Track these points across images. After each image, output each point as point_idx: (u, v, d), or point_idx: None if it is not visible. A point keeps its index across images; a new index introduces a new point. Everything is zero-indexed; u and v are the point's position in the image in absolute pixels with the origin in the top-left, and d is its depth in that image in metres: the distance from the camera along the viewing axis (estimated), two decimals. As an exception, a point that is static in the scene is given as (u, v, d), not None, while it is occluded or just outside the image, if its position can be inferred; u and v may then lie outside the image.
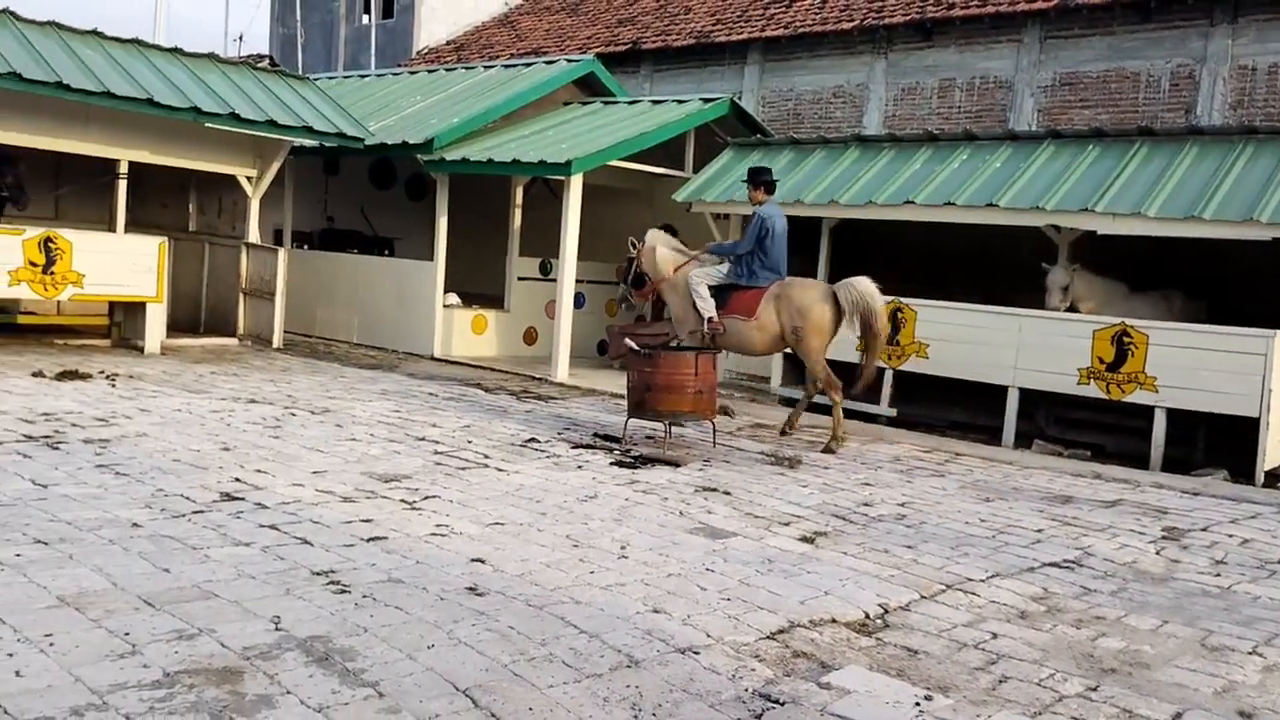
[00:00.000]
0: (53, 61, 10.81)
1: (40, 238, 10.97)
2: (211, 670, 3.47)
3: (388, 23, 24.76)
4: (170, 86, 11.68)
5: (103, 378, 9.57)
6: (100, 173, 12.63)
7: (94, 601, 3.98)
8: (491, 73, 15.82)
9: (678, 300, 9.69)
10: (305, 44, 25.27)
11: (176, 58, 12.52)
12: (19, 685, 3.22)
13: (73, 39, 11.59)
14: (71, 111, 11.32)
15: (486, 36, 23.94)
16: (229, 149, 12.89)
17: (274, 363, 11.90)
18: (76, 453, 6.48)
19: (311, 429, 8.02)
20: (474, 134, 13.79)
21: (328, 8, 25.65)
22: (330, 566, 4.68)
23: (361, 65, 23.90)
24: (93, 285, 11.36)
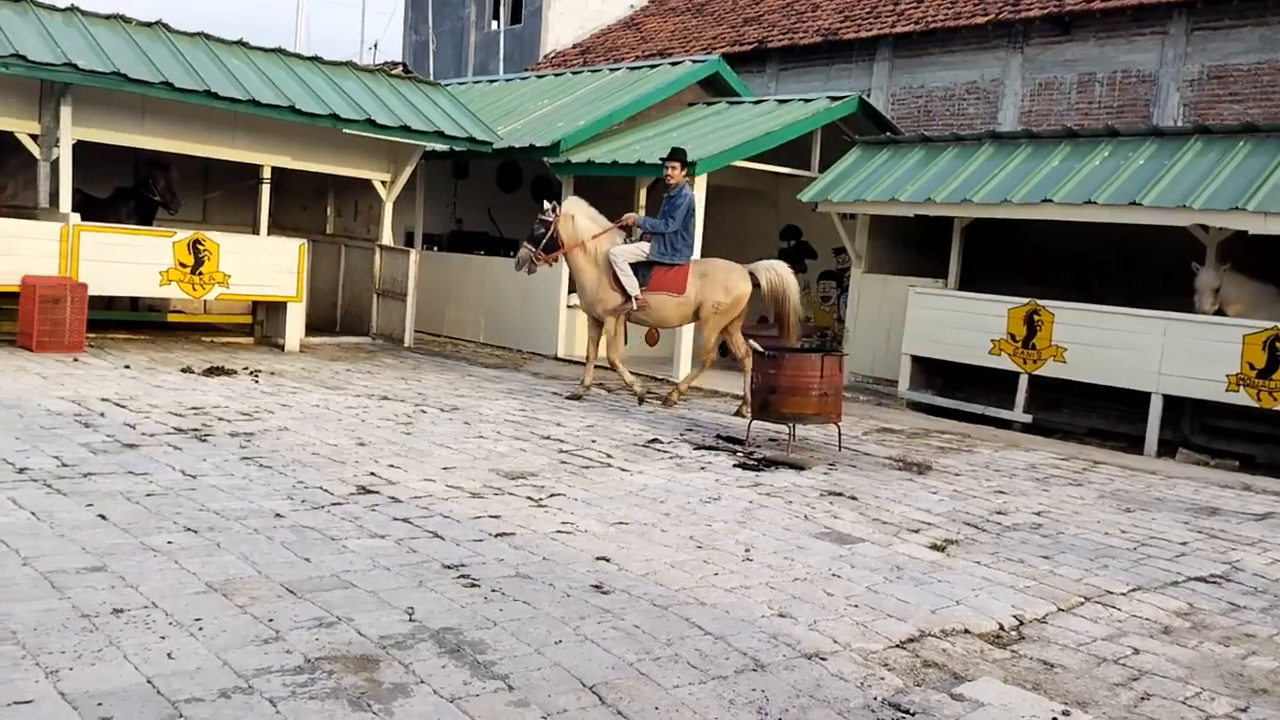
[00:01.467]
0: (202, 71, 11.32)
1: (189, 240, 11.51)
2: (350, 658, 3.57)
3: (515, 28, 25.19)
4: (311, 94, 12.11)
5: (246, 374, 9.98)
6: (245, 177, 13.19)
7: (240, 588, 4.15)
8: (617, 75, 15.94)
9: (592, 272, 10.00)
10: (436, 50, 25.90)
11: (317, 66, 12.98)
12: (171, 667, 3.37)
13: (220, 49, 12.12)
14: (219, 119, 11.84)
15: (612, 39, 24.14)
16: (365, 154, 13.30)
17: (405, 361, 12.22)
18: (223, 445, 6.77)
19: (441, 426, 8.20)
20: (599, 136, 13.92)
21: (458, 15, 26.25)
22: (460, 560, 4.77)
23: (490, 70, 24.38)
24: (237, 285, 11.86)
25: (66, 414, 7.30)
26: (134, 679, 3.25)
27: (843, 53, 19.37)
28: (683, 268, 9.95)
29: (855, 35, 18.88)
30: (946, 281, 11.98)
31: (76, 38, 10.84)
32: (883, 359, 12.52)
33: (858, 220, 12.88)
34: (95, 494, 5.33)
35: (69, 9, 11.37)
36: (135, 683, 3.23)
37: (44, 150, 10.98)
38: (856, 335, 12.83)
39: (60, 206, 10.88)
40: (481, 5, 25.91)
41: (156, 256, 11.28)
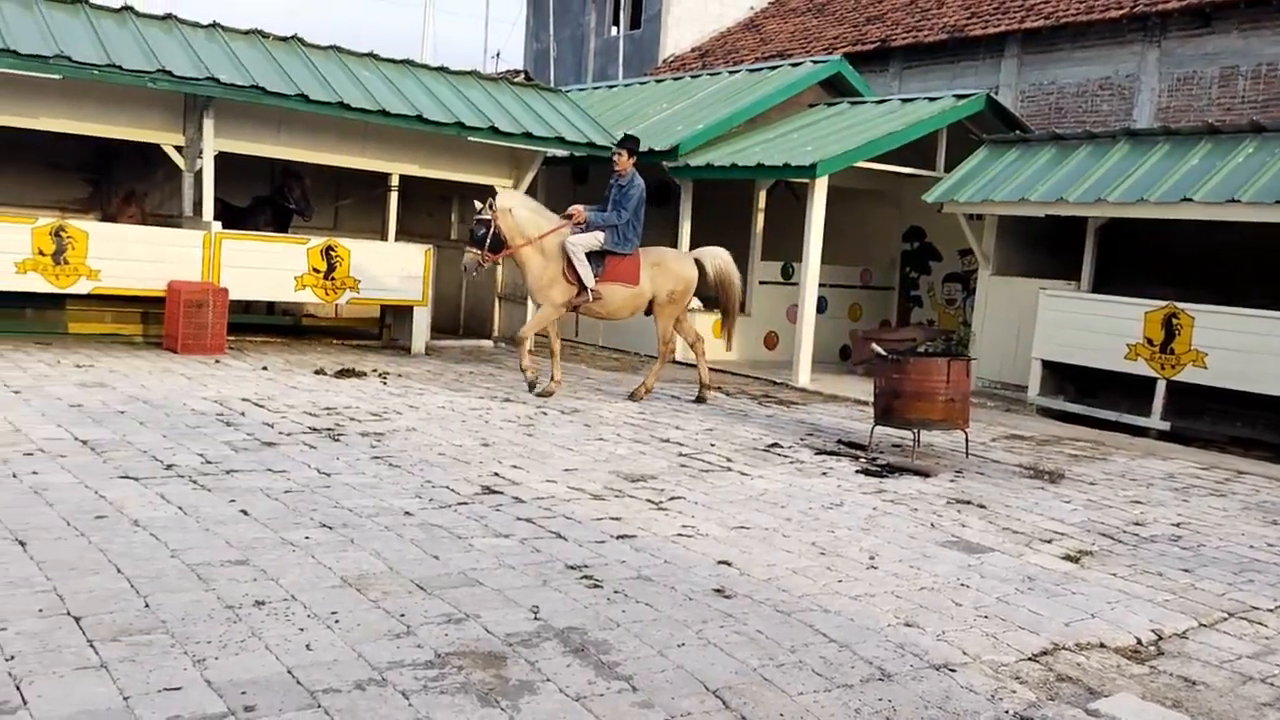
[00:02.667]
0: (335, 83, 11.72)
1: (322, 246, 11.91)
2: (478, 654, 3.64)
3: (635, 33, 25.36)
4: (437, 103, 12.42)
5: (375, 376, 10.27)
6: (374, 185, 13.58)
7: (373, 584, 4.27)
8: (736, 78, 15.89)
9: (544, 266, 9.74)
10: (557, 57, 26.26)
11: (443, 76, 13.30)
12: (310, 658, 3.49)
13: (352, 61, 12.53)
14: (351, 129, 12.23)
15: (731, 41, 24.09)
16: (488, 160, 13.57)
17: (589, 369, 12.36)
18: (354, 445, 6.98)
19: (562, 428, 8.30)
20: (718, 139, 13.90)
21: (578, 22, 26.57)
22: (583, 561, 4.82)
23: (609, 76, 24.60)
24: (367, 290, 12.23)
25: (209, 413, 7.63)
26: (275, 669, 3.38)
27: (969, 50, 18.93)
28: (634, 258, 9.88)
29: (982, 32, 18.43)
30: (1078, 283, 11.59)
31: (218, 53, 11.34)
32: (1011, 363, 12.17)
33: (985, 221, 12.56)
34: (237, 490, 5.56)
35: (211, 25, 11.90)
36: (276, 672, 3.36)
37: (188, 161, 11.51)
38: (983, 339, 12.51)
39: (203, 215, 11.39)
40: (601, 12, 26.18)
41: (292, 262, 11.71)
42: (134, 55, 10.56)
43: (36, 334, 10.93)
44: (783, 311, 14.47)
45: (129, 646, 3.44)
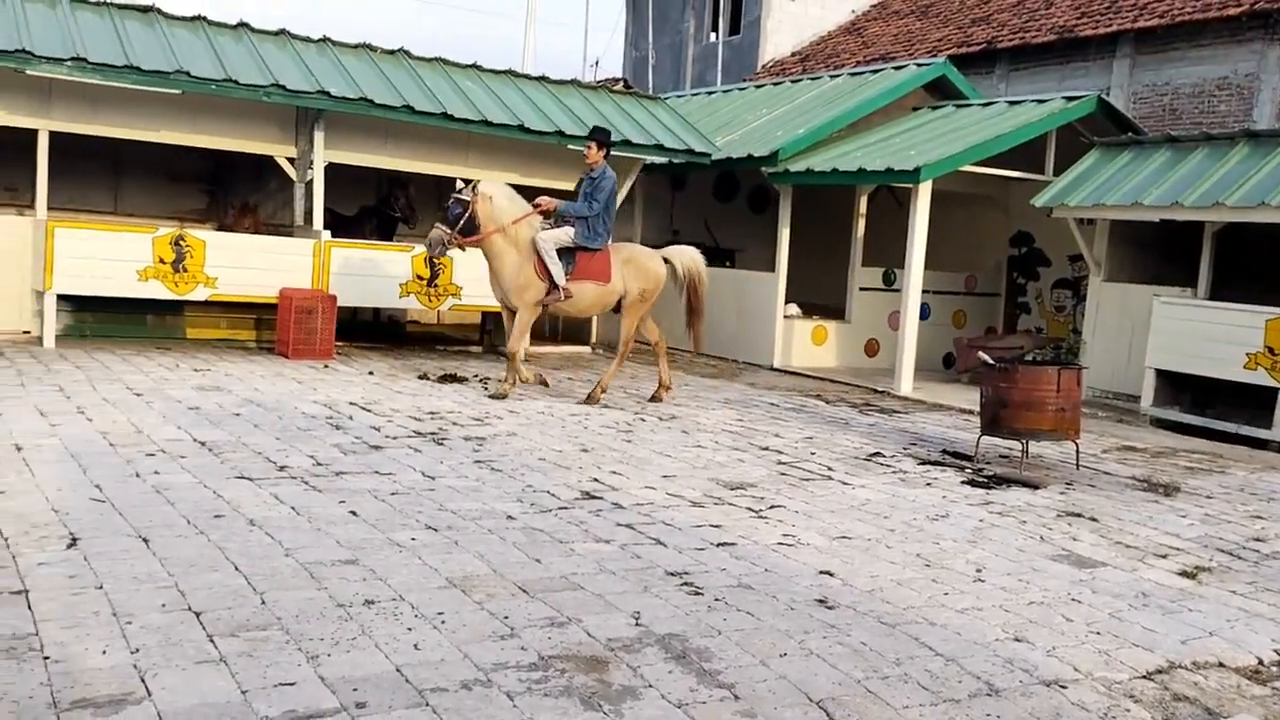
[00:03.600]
0: (439, 95, 11.96)
1: (426, 254, 12.13)
2: (580, 658, 3.67)
3: (734, 39, 25.32)
4: (538, 112, 12.58)
5: (476, 381, 10.43)
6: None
7: (477, 585, 4.34)
8: (837, 82, 15.75)
9: (513, 258, 9.37)
10: (655, 64, 26.36)
11: (543, 85, 13.46)
12: (417, 657, 3.56)
13: (456, 73, 12.77)
14: (454, 139, 12.47)
15: (832, 45, 23.88)
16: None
17: (622, 369, 12.43)
18: (457, 449, 7.11)
19: (660, 434, 8.31)
20: (819, 144, 13.78)
21: (677, 29, 26.63)
22: (683, 568, 4.82)
23: (708, 82, 24.59)
24: (469, 296, 12.42)
25: (319, 416, 7.84)
26: (385, 667, 3.46)
27: (1079, 51, 18.42)
28: (604, 254, 9.58)
29: (1093, 32, 17.92)
30: (1194, 290, 11.18)
31: (328, 67, 11.67)
32: (1123, 372, 11.80)
33: (1096, 226, 12.20)
34: (346, 491, 5.70)
35: (321, 40, 12.25)
36: (386, 670, 3.43)
37: (299, 172, 11.86)
38: (1094, 347, 12.15)
39: (313, 224, 11.73)
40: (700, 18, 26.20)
41: (397, 270, 11.97)
42: (249, 70, 10.93)
43: (157, 339, 11.38)
44: (884, 318, 14.27)
45: (246, 642, 3.56)
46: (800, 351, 13.90)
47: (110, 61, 10.10)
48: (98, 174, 13.05)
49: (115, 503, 5.11)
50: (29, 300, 10.74)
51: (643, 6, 27.14)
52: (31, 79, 10.21)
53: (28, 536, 4.49)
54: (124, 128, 11.07)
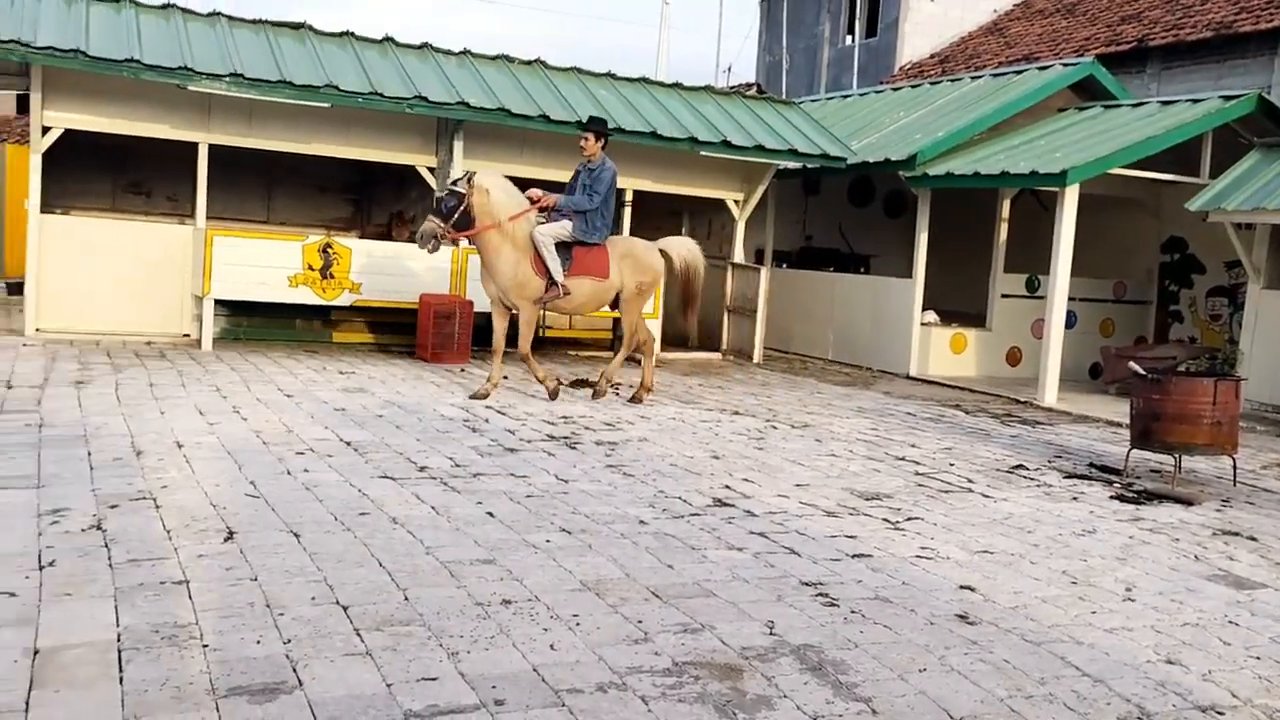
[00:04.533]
0: (574, 103, 12.13)
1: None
2: (714, 665, 3.66)
3: (870, 41, 24.94)
4: (671, 119, 12.63)
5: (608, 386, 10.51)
6: (610, 200, 13.92)
7: (610, 589, 4.36)
8: (978, 83, 15.35)
9: (510, 254, 8.91)
10: (789, 69, 26.18)
11: (676, 92, 13.52)
12: (553, 658, 3.60)
13: (591, 81, 12.93)
14: (589, 146, 12.61)
15: (973, 46, 23.29)
16: (720, 174, 13.67)
17: (754, 377, 12.39)
18: (590, 453, 7.18)
19: (792, 442, 8.23)
20: (959, 147, 13.45)
21: (811, 33, 26.39)
22: (818, 579, 4.76)
23: (843, 85, 24.28)
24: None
25: (457, 419, 8.03)
26: (522, 666, 3.51)
27: (1237, 48, 17.50)
28: (602, 249, 9.23)
29: (1253, 28, 17.00)
30: (1367, 298, 10.49)
31: (468, 78, 11.97)
32: (1285, 385, 11.16)
33: (1255, 230, 11.57)
34: (483, 493, 5.82)
35: (462, 52, 12.58)
36: (523, 670, 3.48)
37: (439, 181, 12.17)
38: (1252, 358, 11.51)
39: (452, 231, 12.02)
40: (836, 21, 25.90)
41: (531, 275, 12.16)
42: (394, 83, 11.29)
43: (305, 342, 11.84)
44: (1027, 326, 13.84)
45: (390, 636, 3.66)
46: (938, 360, 13.59)
47: (265, 77, 10.58)
48: (252, 185, 13.70)
49: (268, 499, 5.34)
50: (189, 305, 11.32)
51: (777, 11, 27.00)
52: (193, 94, 10.77)
53: (188, 530, 4.72)
54: (278, 140, 11.57)
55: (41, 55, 9.88)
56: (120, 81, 10.47)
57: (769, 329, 14.18)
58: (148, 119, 11.06)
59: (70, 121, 10.80)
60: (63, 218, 11.48)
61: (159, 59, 10.27)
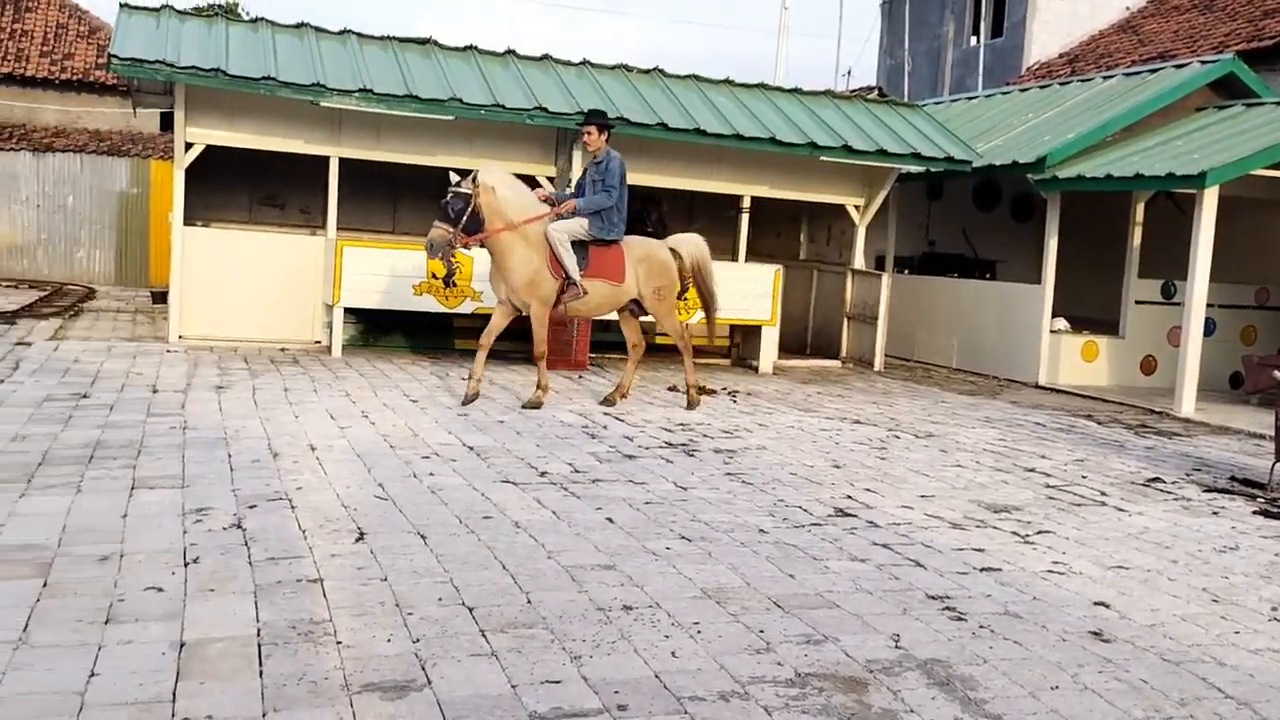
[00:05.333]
0: (692, 110, 12.15)
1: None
2: (838, 677, 3.61)
3: (996, 42, 24.34)
4: (790, 125, 12.54)
5: (724, 394, 10.50)
6: (726, 207, 13.93)
7: (731, 597, 4.35)
8: (1110, 83, 14.83)
9: (522, 251, 8.44)
10: (911, 71, 25.72)
11: (795, 97, 13.43)
12: (675, 665, 3.61)
13: (708, 88, 12.94)
14: (705, 154, 12.63)
15: (1104, 45, 22.52)
16: (840, 180, 13.51)
17: (875, 385, 12.20)
18: (708, 461, 7.17)
19: (916, 452, 8.07)
20: (1090, 149, 13.01)
21: (934, 34, 25.89)
22: (944, 592, 4.65)
23: (968, 87, 23.74)
24: (718, 310, 12.49)
25: (575, 425, 8.12)
26: (644, 672, 3.52)
27: (1393, 37, 16.52)
28: (618, 250, 8.80)
29: None
30: None
31: (587, 88, 12.11)
32: None
33: None
34: (603, 499, 5.86)
35: (581, 63, 12.73)
36: (645, 675, 3.49)
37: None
38: None
39: (572, 239, 12.16)
40: (960, 22, 25.36)
41: (649, 283, 12.22)
42: (515, 94, 11.50)
43: (428, 349, 12.13)
44: (1162, 334, 13.30)
45: (515, 638, 3.72)
46: (1068, 368, 13.16)
47: (393, 91, 10.89)
48: (379, 196, 14.11)
49: (396, 501, 5.48)
50: (320, 313, 11.72)
51: (898, 12, 26.57)
52: (324, 110, 11.15)
53: (322, 530, 4.89)
54: (404, 153, 11.90)
55: (185, 75, 10.37)
56: (257, 99, 10.92)
57: (890, 336, 13.95)
58: (283, 134, 11.50)
59: (211, 138, 11.30)
60: (203, 230, 12.02)
61: (293, 76, 10.68)
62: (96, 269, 19.80)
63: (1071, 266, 13.76)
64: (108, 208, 19.81)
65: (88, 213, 19.71)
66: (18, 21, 21.72)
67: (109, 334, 11.93)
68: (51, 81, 20.77)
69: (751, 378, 12.14)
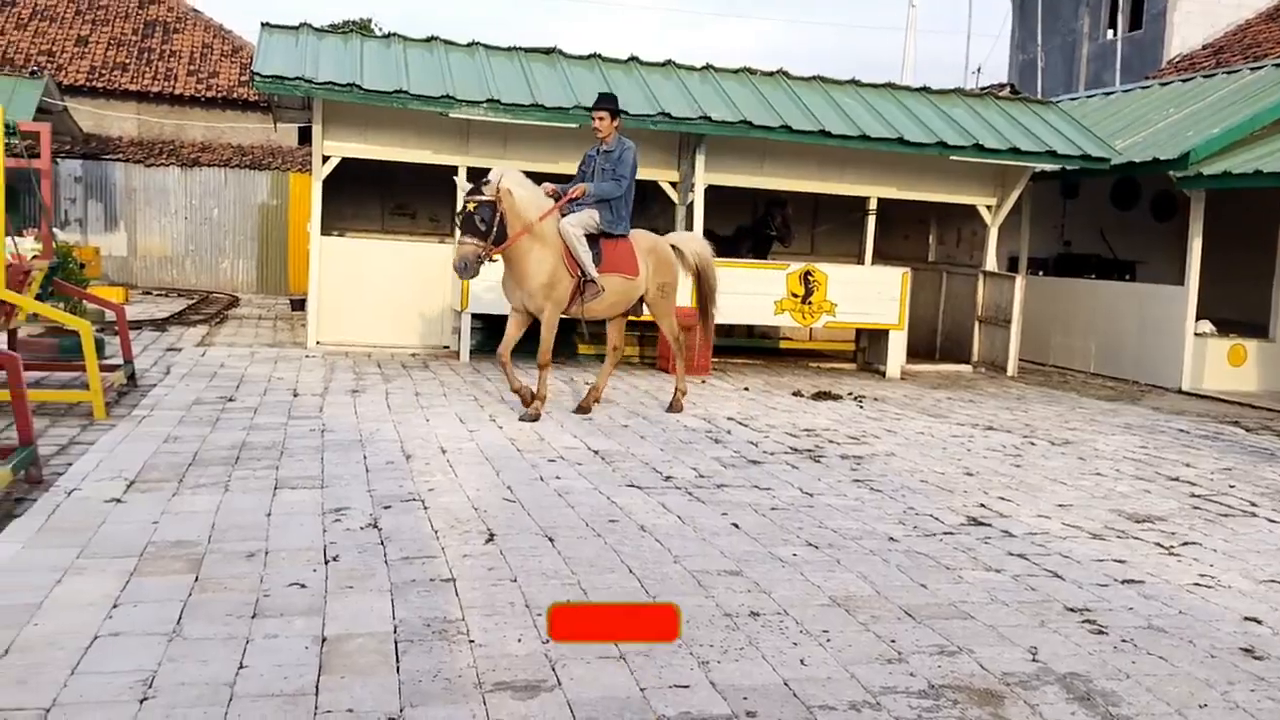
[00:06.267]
0: (817, 112, 12.03)
1: (801, 271, 12.24)
2: (973, 690, 3.51)
3: (1134, 35, 23.42)
4: (918, 124, 12.31)
5: (850, 399, 10.35)
6: (851, 210, 13.74)
7: (860, 606, 4.28)
8: (1259, 74, 14.11)
9: (539, 253, 7.87)
10: (1045, 67, 24.94)
11: (924, 96, 13.17)
12: (804, 673, 3.57)
13: (834, 89, 12.80)
14: (830, 156, 12.49)
15: (1251, 35, 21.45)
16: (971, 180, 13.20)
17: (1008, 390, 11.86)
18: (834, 467, 7.07)
19: (1052, 460, 7.81)
20: (1238, 144, 12.40)
21: (1069, 28, 25.07)
22: (1084, 605, 4.49)
23: (1104, 82, 22.91)
24: (843, 314, 12.37)
25: (699, 430, 8.11)
26: (772, 679, 3.49)
27: None
28: (627, 243, 8.30)
29: None
30: None
31: (710, 92, 12.11)
32: None
33: None
34: (728, 504, 5.84)
35: (704, 67, 12.74)
36: (773, 683, 3.46)
37: (680, 195, 12.38)
38: None
39: (695, 244, 12.18)
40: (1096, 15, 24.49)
41: (771, 288, 12.15)
42: (637, 100, 11.57)
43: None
44: (1318, 336, 12.59)
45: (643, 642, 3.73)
46: (1214, 373, 12.56)
47: (519, 101, 11.10)
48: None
49: (524, 503, 5.57)
50: (448, 319, 12.00)
51: (1031, 7, 25.81)
52: (453, 120, 11.42)
53: (453, 530, 5.00)
54: (529, 161, 12.07)
55: (322, 90, 10.77)
56: (389, 111, 11.26)
57: (1024, 340, 13.54)
58: (414, 145, 11.83)
59: (346, 150, 11.69)
60: (339, 239, 12.44)
61: (424, 89, 10.97)
62: (239, 278, 20.70)
63: (1217, 267, 13.12)
64: (250, 219, 20.70)
65: (231, 224, 20.64)
66: (167, 43, 22.89)
67: (251, 340, 12.46)
68: (198, 99, 21.82)
69: (878, 383, 11.95)
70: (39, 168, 9.54)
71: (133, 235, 20.27)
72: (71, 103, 19.52)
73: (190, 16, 23.76)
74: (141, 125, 21.60)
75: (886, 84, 13.35)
